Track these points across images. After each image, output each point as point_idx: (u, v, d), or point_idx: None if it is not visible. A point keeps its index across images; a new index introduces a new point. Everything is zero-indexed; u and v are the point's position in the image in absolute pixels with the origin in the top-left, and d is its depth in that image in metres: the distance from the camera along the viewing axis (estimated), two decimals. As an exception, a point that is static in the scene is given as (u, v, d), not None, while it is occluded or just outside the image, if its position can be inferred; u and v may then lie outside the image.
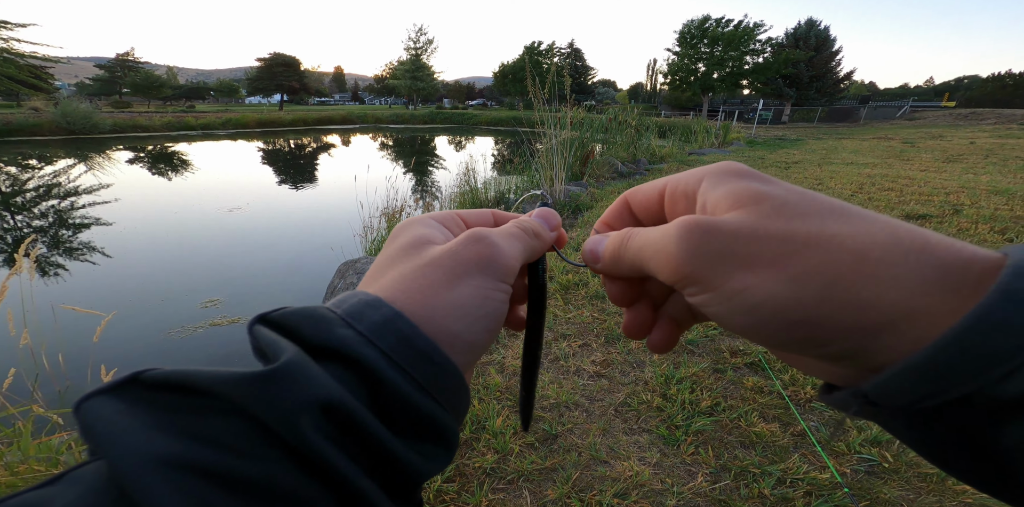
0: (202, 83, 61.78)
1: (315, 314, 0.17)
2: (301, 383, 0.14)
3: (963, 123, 22.72)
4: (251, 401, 0.14)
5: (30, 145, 14.38)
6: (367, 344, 0.16)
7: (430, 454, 0.17)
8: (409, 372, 0.16)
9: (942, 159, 7.99)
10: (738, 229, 0.17)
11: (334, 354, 0.16)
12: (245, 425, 0.14)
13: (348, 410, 0.15)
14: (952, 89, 75.35)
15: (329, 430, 0.15)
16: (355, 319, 0.17)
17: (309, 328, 0.17)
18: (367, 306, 0.18)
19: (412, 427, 0.17)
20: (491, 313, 0.19)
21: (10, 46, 16.88)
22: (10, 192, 7.33)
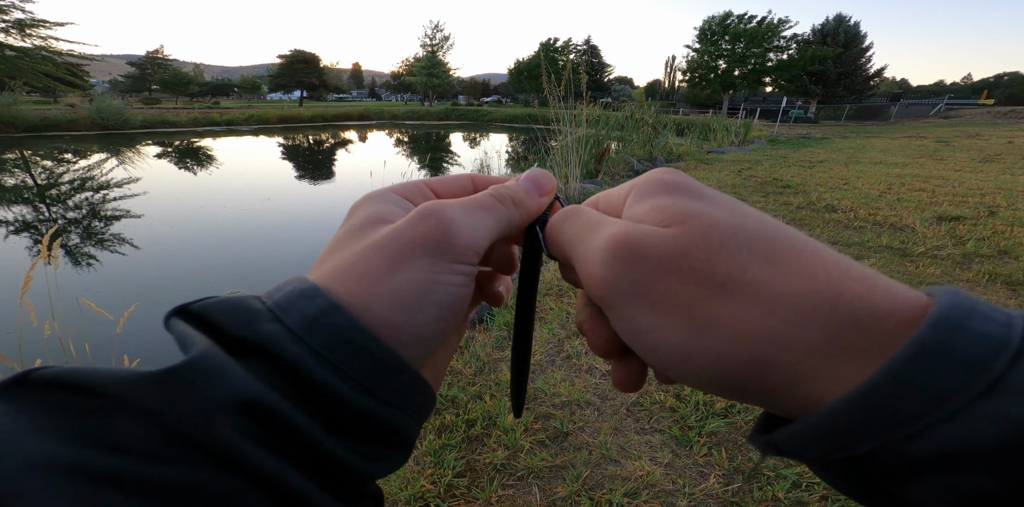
0: (227, 80, 63.40)
1: (240, 305, 0.15)
2: (211, 380, 0.13)
3: (1002, 122, 21.67)
4: (152, 402, 0.13)
5: (65, 140, 15.00)
6: (295, 340, 0.15)
7: (377, 455, 0.16)
8: (345, 371, 0.15)
9: (978, 159, 7.64)
10: (661, 258, 0.15)
11: (258, 351, 0.15)
12: (148, 427, 0.13)
13: (272, 408, 0.14)
14: (991, 86, 71.95)
15: (252, 429, 0.13)
16: (284, 311, 0.15)
17: (231, 321, 0.15)
18: (300, 296, 0.16)
19: (353, 428, 0.15)
20: (441, 301, 0.17)
21: (48, 44, 17.58)
22: (45, 184, 7.66)
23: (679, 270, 0.15)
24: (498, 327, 1.92)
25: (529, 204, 0.21)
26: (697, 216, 0.16)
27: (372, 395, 0.15)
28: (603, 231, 0.17)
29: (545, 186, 0.22)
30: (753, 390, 0.14)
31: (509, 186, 0.21)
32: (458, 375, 1.60)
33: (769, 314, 0.13)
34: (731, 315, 0.14)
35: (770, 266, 0.14)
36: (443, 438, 1.30)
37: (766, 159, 7.65)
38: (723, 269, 0.14)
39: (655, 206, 0.17)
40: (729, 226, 0.15)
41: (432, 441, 1.28)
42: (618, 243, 0.16)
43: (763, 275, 0.14)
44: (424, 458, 1.23)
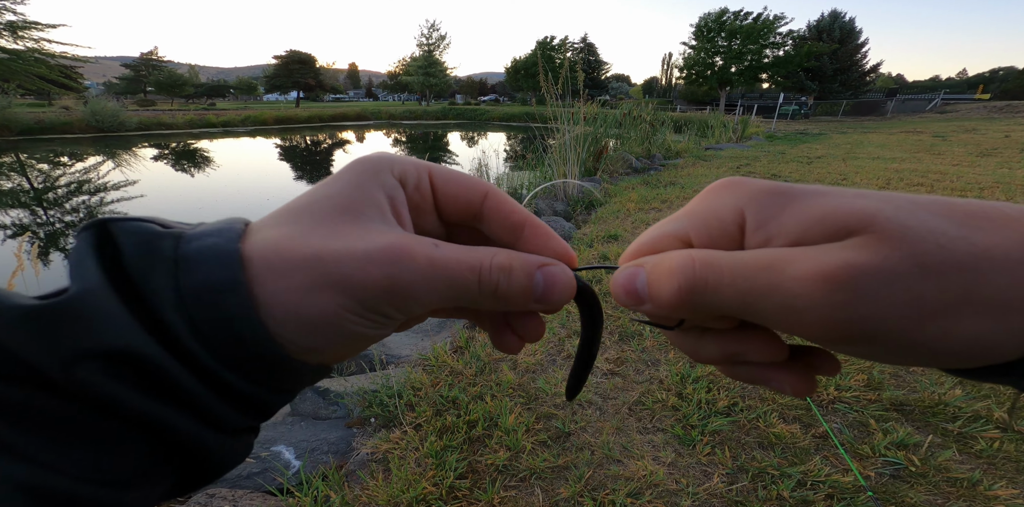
0: (222, 81, 63.16)
1: (150, 243, 0.15)
2: (87, 325, 0.13)
3: (998, 116, 21.72)
4: (16, 339, 0.13)
5: (61, 143, 14.92)
6: (176, 304, 0.14)
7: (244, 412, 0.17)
8: (217, 350, 0.15)
9: (975, 153, 7.65)
10: (904, 267, 0.13)
11: (140, 302, 0.14)
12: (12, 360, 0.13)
13: (149, 356, 0.14)
14: (986, 81, 72.11)
15: (123, 373, 0.14)
16: (188, 267, 0.14)
17: (132, 260, 0.14)
18: (215, 256, 0.15)
19: (220, 392, 0.16)
20: (349, 335, 0.16)
21: (41, 46, 17.48)
22: (42, 188, 7.62)
23: (932, 270, 0.13)
24: (498, 327, 1.91)
25: (515, 303, 0.18)
26: (872, 215, 0.14)
27: (239, 374, 0.15)
28: (795, 271, 0.14)
29: (554, 296, 0.18)
30: (1010, 345, 0.14)
31: (514, 274, 0.18)
32: (459, 376, 1.59)
33: None
34: (1012, 283, 0.13)
35: (979, 231, 0.14)
36: (444, 439, 1.29)
37: (764, 155, 7.65)
38: (962, 250, 0.13)
39: (808, 219, 0.15)
40: (910, 214, 0.14)
41: (433, 442, 1.27)
42: (845, 278, 0.14)
43: (989, 239, 0.13)
44: (425, 460, 1.22)
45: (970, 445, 1.24)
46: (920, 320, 0.14)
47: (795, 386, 0.18)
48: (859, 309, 0.14)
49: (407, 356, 1.76)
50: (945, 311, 0.13)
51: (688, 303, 0.16)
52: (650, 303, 0.17)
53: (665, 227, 0.19)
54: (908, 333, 0.14)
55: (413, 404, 1.45)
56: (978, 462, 1.19)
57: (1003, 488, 1.09)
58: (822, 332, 0.14)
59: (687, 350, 0.20)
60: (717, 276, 0.16)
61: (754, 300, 0.15)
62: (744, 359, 0.18)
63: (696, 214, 0.18)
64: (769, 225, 0.16)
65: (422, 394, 1.49)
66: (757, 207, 0.16)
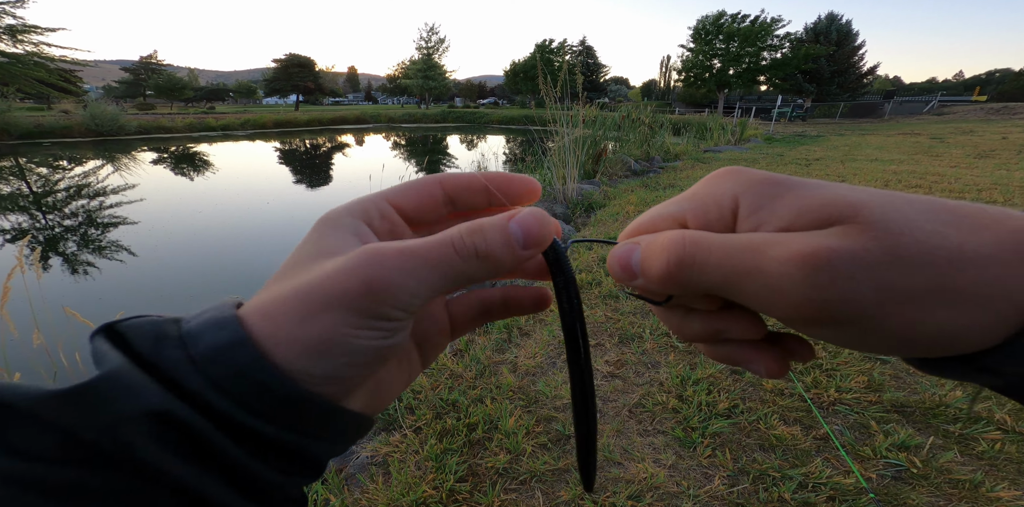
0: (222, 85, 63.27)
1: (155, 330, 0.16)
2: (122, 395, 0.14)
3: (995, 118, 21.81)
4: (64, 415, 0.14)
5: (60, 147, 14.93)
6: (193, 370, 0.15)
7: (289, 471, 0.16)
8: (246, 401, 0.15)
9: (973, 155, 7.68)
10: (878, 257, 0.14)
11: (161, 376, 0.15)
12: (61, 439, 0.14)
13: (185, 420, 0.14)
14: (983, 83, 72.48)
15: (166, 439, 0.14)
16: (193, 339, 0.16)
17: (142, 343, 0.16)
18: (214, 325, 0.16)
19: (260, 449, 0.16)
20: (356, 350, 0.16)
21: (40, 50, 17.53)
22: (41, 192, 7.62)
23: (904, 261, 0.14)
24: (498, 330, 1.91)
25: (502, 258, 0.18)
26: (857, 206, 0.15)
27: (276, 424, 0.15)
28: (777, 254, 0.15)
29: (535, 237, 0.18)
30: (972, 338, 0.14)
31: (485, 229, 0.18)
32: (459, 379, 1.59)
33: (1004, 267, 0.14)
34: (979, 280, 0.14)
35: (958, 229, 0.14)
36: (444, 442, 1.28)
37: (763, 158, 7.67)
38: (936, 245, 0.14)
39: (798, 207, 0.16)
40: (895, 208, 0.15)
41: (433, 446, 1.26)
42: (823, 261, 0.14)
43: (966, 237, 0.14)
44: (426, 463, 1.22)
45: (972, 447, 1.24)
46: (890, 306, 0.14)
47: (769, 367, 0.19)
48: (833, 291, 0.14)
49: (407, 359, 1.76)
50: (914, 299, 0.14)
51: (676, 279, 0.17)
52: (642, 278, 0.18)
53: (664, 209, 0.19)
54: (878, 318, 0.15)
55: (413, 407, 1.45)
56: (980, 464, 1.19)
57: (1005, 489, 1.09)
58: (797, 313, 0.15)
59: (673, 327, 0.21)
60: (705, 255, 0.16)
61: (737, 279, 0.16)
62: (726, 337, 0.19)
63: (694, 198, 0.19)
64: (760, 212, 0.17)
65: (422, 397, 1.49)
66: (751, 195, 0.17)
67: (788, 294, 0.15)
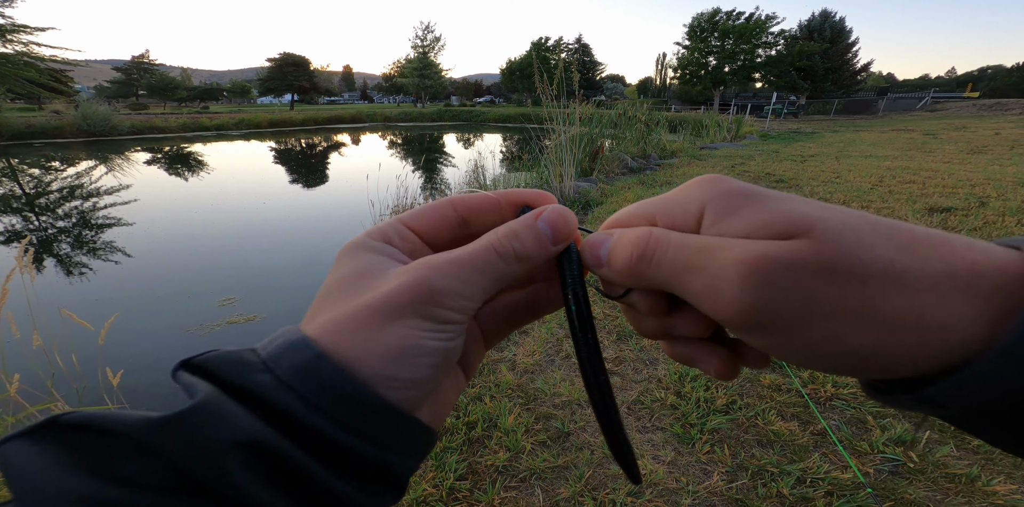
0: (215, 84, 62.81)
1: (236, 358, 0.17)
2: (217, 423, 0.14)
3: (987, 114, 21.97)
4: (164, 443, 0.14)
5: (52, 147, 14.78)
6: (284, 389, 0.16)
7: (375, 491, 0.17)
8: (334, 415, 0.16)
9: (966, 151, 7.73)
10: (814, 271, 0.15)
11: (253, 399, 0.16)
12: (161, 467, 0.14)
13: (275, 448, 0.15)
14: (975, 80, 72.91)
15: (258, 468, 0.14)
16: (275, 362, 0.16)
17: (227, 372, 0.16)
18: (290, 348, 0.17)
19: (347, 467, 0.16)
20: (432, 351, 0.18)
21: (30, 50, 17.34)
22: (34, 193, 7.55)
23: (838, 277, 0.15)
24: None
25: (537, 256, 0.20)
26: (814, 222, 0.15)
27: (362, 437, 0.16)
28: (722, 256, 0.16)
29: (563, 232, 0.20)
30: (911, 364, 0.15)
31: (518, 232, 0.20)
32: (457, 377, 1.59)
33: (939, 296, 0.14)
34: (910, 306, 0.14)
35: (909, 254, 0.15)
36: (444, 441, 1.28)
37: (758, 154, 7.69)
38: (877, 266, 0.15)
39: (757, 220, 0.16)
40: (850, 227, 0.15)
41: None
42: (758, 266, 0.15)
43: (913, 263, 0.15)
44: (425, 461, 1.22)
45: (967, 441, 1.25)
46: (813, 319, 0.15)
47: (718, 368, 0.20)
48: (762, 296, 0.15)
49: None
50: (838, 316, 0.15)
51: (634, 271, 0.18)
52: (607, 268, 0.20)
53: (639, 208, 0.21)
54: (801, 330, 0.15)
55: (412, 406, 1.44)
56: (976, 458, 1.20)
57: (1001, 483, 1.10)
58: (730, 315, 0.16)
59: (633, 322, 0.22)
60: (662, 252, 0.18)
61: (684, 276, 0.17)
62: (676, 333, 0.20)
63: (667, 202, 0.20)
64: (721, 223, 0.17)
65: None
66: (716, 205, 0.18)
67: (723, 295, 0.16)
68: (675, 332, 0.20)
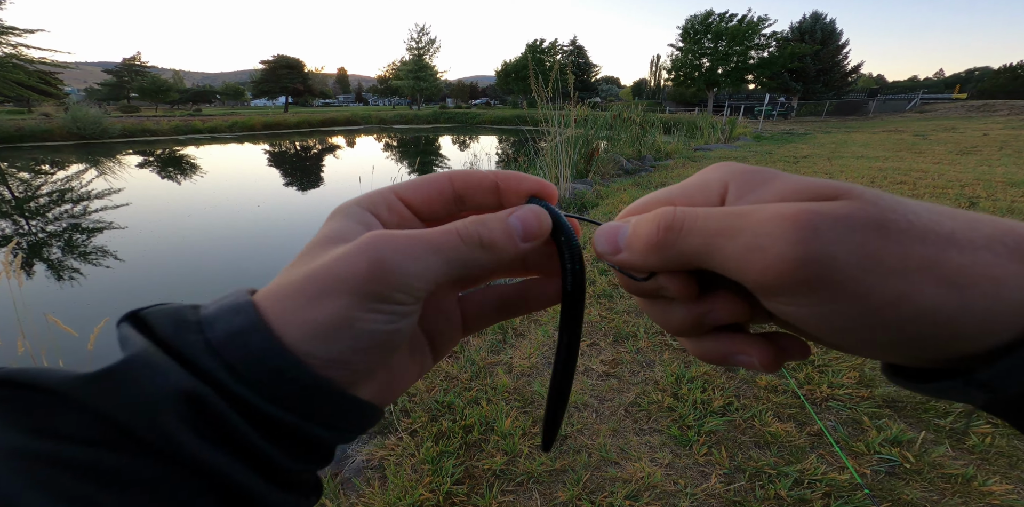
0: (208, 87, 62.40)
1: (175, 315, 0.16)
2: (149, 375, 0.14)
3: (975, 115, 22.30)
4: (95, 397, 0.14)
5: (42, 151, 14.60)
6: (211, 353, 0.15)
7: (298, 457, 0.17)
8: (258, 384, 0.15)
9: (955, 151, 7.83)
10: (867, 225, 0.13)
11: (181, 358, 0.15)
12: (92, 420, 0.14)
13: (207, 402, 0.15)
14: (963, 81, 74.00)
15: (193, 420, 0.14)
16: (210, 324, 0.16)
17: (163, 328, 0.16)
18: (232, 310, 0.16)
19: (274, 433, 0.16)
20: (361, 334, 0.16)
21: (19, 52, 17.16)
22: (24, 197, 7.44)
23: (893, 233, 0.14)
24: (492, 331, 1.90)
25: (505, 248, 0.19)
26: (848, 188, 0.15)
27: (287, 408, 0.16)
28: (762, 215, 0.15)
29: (534, 231, 0.19)
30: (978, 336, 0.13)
31: (489, 223, 0.19)
32: (454, 380, 1.58)
33: (996, 256, 0.13)
34: (974, 263, 0.13)
35: (951, 219, 0.14)
36: (440, 445, 1.27)
37: (752, 155, 7.75)
38: (928, 226, 0.14)
39: (788, 189, 0.16)
40: (882, 195, 0.15)
41: (429, 448, 1.25)
42: (807, 218, 0.14)
43: (958, 226, 0.14)
44: (422, 466, 1.21)
45: (963, 441, 1.26)
46: (874, 275, 0.13)
47: (763, 358, 0.18)
48: (816, 248, 0.14)
49: (401, 362, 1.74)
50: (905, 273, 0.13)
51: (661, 243, 0.17)
52: (626, 252, 0.19)
53: (655, 196, 0.20)
54: (859, 288, 0.13)
55: (408, 410, 1.43)
56: (971, 458, 1.20)
57: (997, 483, 1.10)
58: (778, 274, 0.14)
59: (658, 317, 0.20)
60: (692, 219, 0.17)
61: (719, 242, 0.16)
62: (711, 321, 0.19)
63: (684, 187, 0.19)
64: (748, 196, 0.17)
65: (417, 400, 1.47)
66: (740, 180, 0.17)
67: (768, 252, 0.14)
68: (710, 319, 0.19)
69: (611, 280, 2.37)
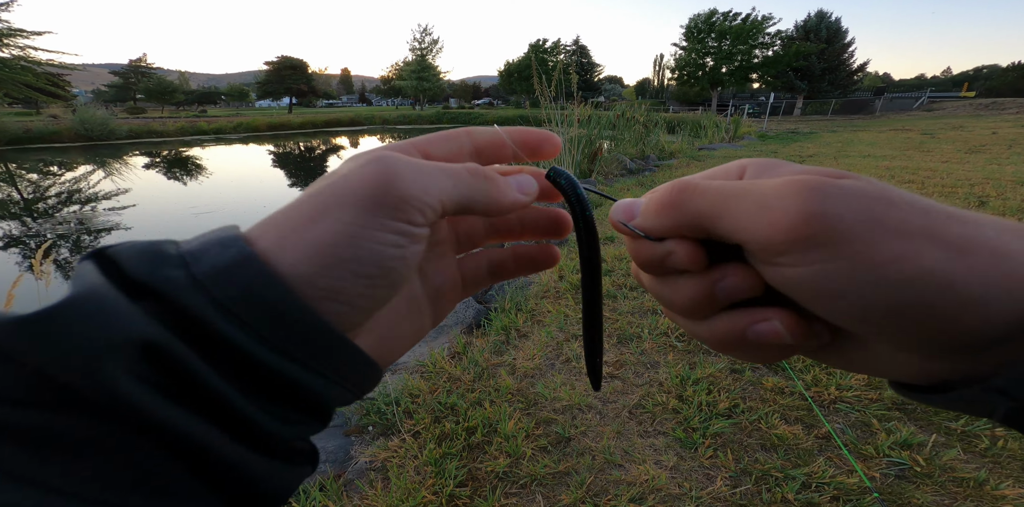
0: (213, 88, 62.87)
1: (151, 249, 0.14)
2: (96, 320, 0.12)
3: (984, 113, 22.05)
4: (26, 347, 0.11)
5: (50, 152, 14.76)
6: (197, 289, 0.13)
7: (288, 418, 0.15)
8: (250, 325, 0.13)
9: (964, 150, 7.74)
10: (868, 193, 0.15)
11: (156, 297, 0.13)
12: (22, 375, 0.11)
13: (170, 352, 0.12)
14: (971, 79, 73.24)
15: (149, 375, 0.12)
16: (195, 258, 0.14)
17: (135, 265, 0.13)
18: (218, 244, 0.14)
19: (260, 385, 0.14)
20: (362, 257, 0.15)
21: (27, 54, 17.33)
22: (32, 198, 7.52)
23: (896, 203, 0.14)
24: (496, 331, 1.89)
25: (503, 188, 0.20)
26: (856, 175, 0.16)
27: (285, 355, 0.14)
28: (772, 181, 0.16)
29: (526, 187, 0.21)
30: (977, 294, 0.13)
31: (487, 170, 0.20)
32: (457, 382, 1.57)
33: (999, 232, 0.14)
34: (977, 233, 0.14)
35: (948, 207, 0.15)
36: (443, 447, 1.27)
37: (757, 155, 7.68)
38: (928, 204, 0.15)
39: (800, 170, 0.17)
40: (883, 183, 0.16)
41: (432, 450, 1.25)
42: (815, 182, 0.15)
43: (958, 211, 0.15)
44: (425, 468, 1.20)
45: (974, 444, 1.23)
46: (880, 234, 0.14)
47: (787, 320, 0.17)
48: (824, 204, 0.14)
49: (404, 363, 1.74)
50: (908, 234, 0.14)
51: (675, 202, 0.18)
52: (640, 217, 0.19)
53: None
54: (865, 243, 0.14)
55: (411, 411, 1.43)
56: (983, 461, 1.18)
57: (1010, 487, 1.08)
58: (786, 228, 0.15)
59: (667, 295, 0.20)
60: (706, 183, 0.17)
61: (730, 202, 0.16)
62: (722, 292, 0.18)
63: (705, 173, 0.20)
64: (762, 176, 0.18)
65: (420, 401, 1.47)
66: (756, 166, 0.19)
67: (775, 209, 0.15)
68: (721, 289, 0.18)
69: (615, 281, 2.35)
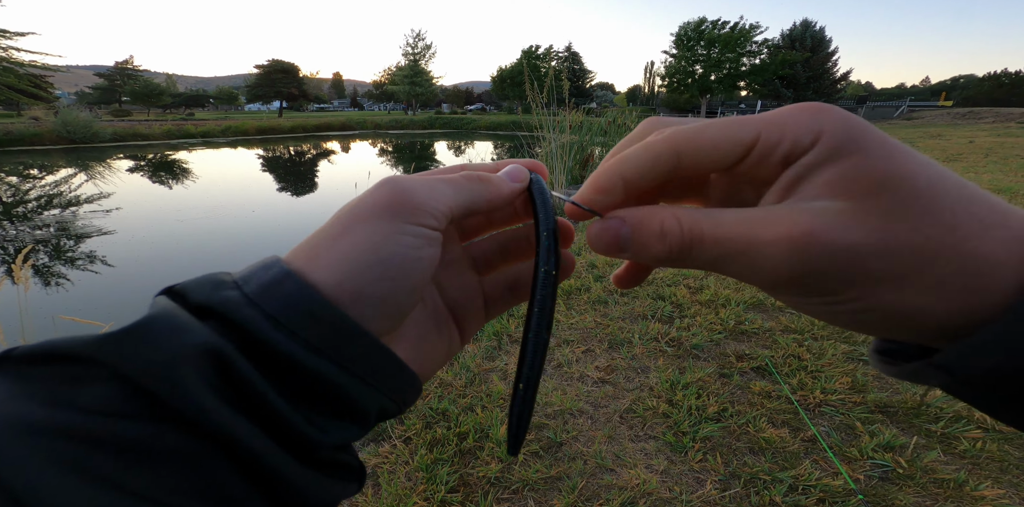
0: (201, 91, 62.22)
1: (209, 279, 0.17)
2: (168, 331, 0.14)
3: (961, 122, 22.75)
4: (117, 358, 0.13)
5: (31, 155, 14.44)
6: (249, 305, 0.15)
7: (327, 426, 0.16)
8: (297, 333, 0.15)
9: (942, 158, 7.98)
10: (861, 246, 0.15)
11: (213, 314, 0.15)
12: (117, 386, 0.13)
13: (232, 362, 0.14)
14: (948, 88, 75.57)
15: (215, 382, 0.14)
16: (245, 281, 0.16)
17: (196, 291, 0.16)
18: (262, 267, 0.17)
19: (306, 391, 0.15)
20: (387, 260, 0.17)
21: (9, 55, 17.01)
22: (11, 202, 7.34)
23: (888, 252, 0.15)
24: (487, 337, 1.89)
25: (498, 183, 0.22)
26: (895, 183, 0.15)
27: (326, 358, 0.15)
28: (764, 235, 0.16)
29: (515, 175, 0.23)
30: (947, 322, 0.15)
31: (476, 171, 0.22)
32: (448, 387, 1.57)
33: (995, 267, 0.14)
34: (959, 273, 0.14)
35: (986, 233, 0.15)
36: (435, 452, 1.26)
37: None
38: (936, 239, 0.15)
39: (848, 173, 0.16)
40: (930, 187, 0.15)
41: (424, 456, 1.24)
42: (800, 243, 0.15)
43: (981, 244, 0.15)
44: (416, 474, 1.19)
45: (954, 445, 1.27)
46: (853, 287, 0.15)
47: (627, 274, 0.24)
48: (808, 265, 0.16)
49: (395, 369, 1.73)
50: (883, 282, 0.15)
51: (675, 261, 0.18)
52: (632, 253, 0.19)
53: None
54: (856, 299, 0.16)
55: (402, 417, 1.42)
56: (963, 462, 1.21)
57: (989, 488, 1.11)
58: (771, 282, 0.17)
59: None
60: (699, 244, 0.17)
61: (728, 260, 0.17)
62: None
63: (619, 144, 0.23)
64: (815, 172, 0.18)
65: (411, 406, 1.46)
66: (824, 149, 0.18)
67: (772, 272, 0.16)
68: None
69: (607, 287, 2.37)
